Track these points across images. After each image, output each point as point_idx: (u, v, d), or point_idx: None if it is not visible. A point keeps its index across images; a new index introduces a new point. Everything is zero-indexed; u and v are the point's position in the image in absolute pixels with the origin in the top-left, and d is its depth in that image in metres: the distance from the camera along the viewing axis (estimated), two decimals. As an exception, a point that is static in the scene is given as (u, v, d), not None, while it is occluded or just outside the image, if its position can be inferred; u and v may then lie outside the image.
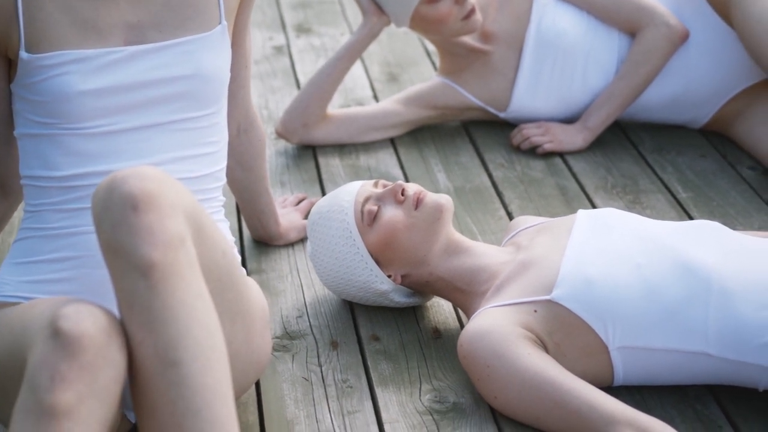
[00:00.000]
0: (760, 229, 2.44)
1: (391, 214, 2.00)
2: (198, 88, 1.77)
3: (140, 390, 1.50)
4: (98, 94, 1.73)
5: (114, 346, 1.49)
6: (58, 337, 1.45)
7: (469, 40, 2.83)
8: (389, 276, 2.03)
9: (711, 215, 2.48)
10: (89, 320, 1.47)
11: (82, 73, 1.72)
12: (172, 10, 1.77)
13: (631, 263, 1.85)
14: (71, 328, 1.45)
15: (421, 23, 2.73)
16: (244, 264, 2.28)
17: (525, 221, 2.14)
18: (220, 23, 1.81)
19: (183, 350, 1.47)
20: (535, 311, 1.84)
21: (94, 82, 1.72)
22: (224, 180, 1.86)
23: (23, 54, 1.72)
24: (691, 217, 2.49)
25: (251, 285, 1.77)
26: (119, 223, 1.48)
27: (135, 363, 1.49)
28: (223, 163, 1.86)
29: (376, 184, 2.08)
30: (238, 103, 2.07)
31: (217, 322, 1.51)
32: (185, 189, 1.57)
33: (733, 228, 2.39)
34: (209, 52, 1.78)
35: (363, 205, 2.03)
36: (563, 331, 1.83)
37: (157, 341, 1.47)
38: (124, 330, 1.51)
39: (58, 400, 1.43)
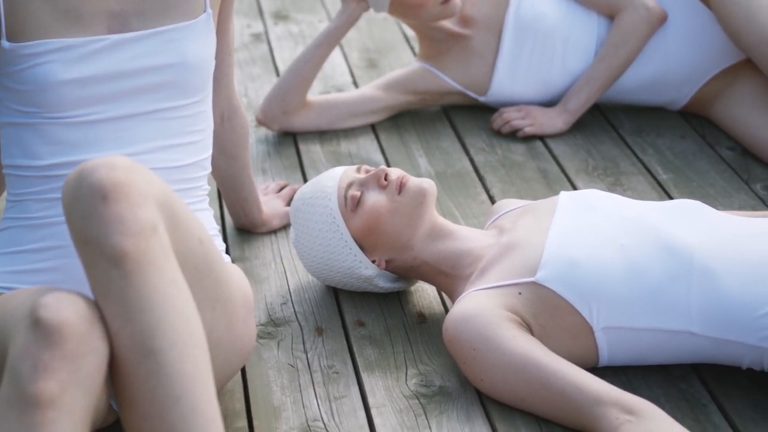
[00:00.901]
0: (740, 208, 2.45)
1: (375, 199, 2.00)
2: (183, 76, 1.76)
3: (120, 380, 1.50)
4: (81, 83, 1.72)
5: (95, 334, 1.48)
6: (39, 326, 1.45)
7: (448, 24, 2.83)
8: (373, 261, 2.03)
9: (691, 196, 2.50)
10: (70, 309, 1.47)
11: (65, 61, 1.71)
12: (156, -1, 1.76)
13: (614, 244, 1.86)
14: (52, 317, 1.45)
15: (400, 8, 2.73)
16: (227, 252, 2.27)
17: (507, 204, 2.14)
18: (205, 11, 1.80)
19: (160, 338, 1.46)
20: (520, 293, 1.84)
21: (76, 71, 1.71)
22: (209, 169, 1.86)
23: (4, 43, 1.71)
24: (671, 198, 2.50)
25: (233, 272, 1.76)
26: (89, 213, 1.47)
27: (113, 353, 1.49)
28: (209, 152, 1.85)
29: (359, 170, 2.08)
30: (221, 90, 2.06)
31: (194, 309, 1.50)
32: (156, 177, 1.56)
33: (714, 208, 2.40)
34: (194, 41, 1.77)
35: (346, 190, 2.03)
36: (548, 312, 1.83)
37: (133, 330, 1.47)
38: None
39: (42, 390, 1.42)
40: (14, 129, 1.76)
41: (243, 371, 1.92)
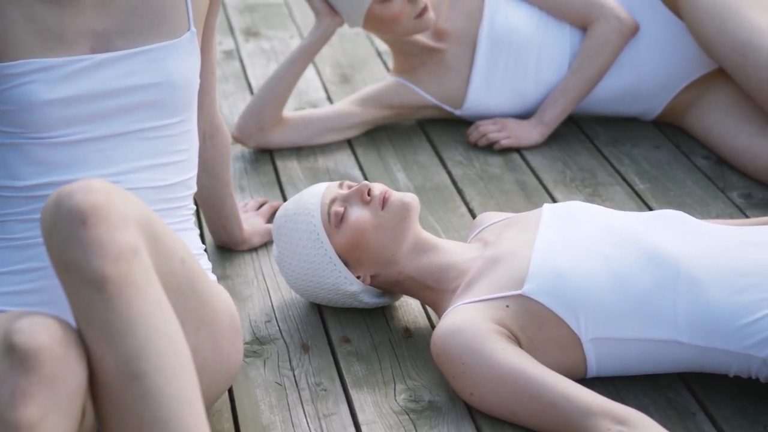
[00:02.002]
0: (718, 216, 2.47)
1: (358, 214, 2.00)
2: (167, 95, 1.75)
3: (105, 406, 1.48)
4: (64, 103, 1.70)
5: (72, 356, 1.46)
6: (14, 352, 1.43)
7: (422, 38, 2.84)
8: (358, 277, 2.03)
9: (669, 205, 2.51)
10: (44, 333, 1.45)
11: (48, 81, 1.69)
12: (139, 17, 1.75)
13: (598, 255, 1.86)
14: (26, 342, 1.43)
15: (374, 23, 2.73)
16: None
17: (490, 217, 2.14)
18: (189, 29, 1.79)
19: (145, 362, 1.44)
20: (507, 306, 1.84)
21: (59, 91, 1.70)
22: (195, 188, 1.84)
23: None
24: (650, 208, 2.51)
25: (218, 292, 1.74)
26: (69, 238, 1.45)
27: (97, 379, 1.47)
28: (194, 171, 1.84)
29: (341, 185, 2.07)
30: (203, 109, 2.05)
31: (179, 331, 1.49)
32: (136, 198, 1.54)
33: (693, 217, 2.42)
34: (178, 59, 1.76)
35: (329, 206, 2.02)
36: (536, 324, 1.83)
37: (117, 355, 1.45)
38: (83, 342, 1.49)
39: (21, 416, 1.41)
40: (-4, 149, 1.74)
41: (230, 391, 1.90)
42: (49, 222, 1.48)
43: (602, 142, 2.83)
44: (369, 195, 2.01)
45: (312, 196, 2.05)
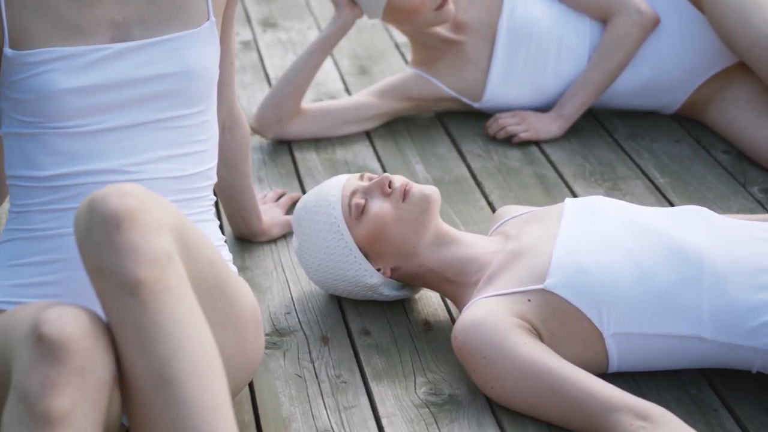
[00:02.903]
0: (738, 211, 2.45)
1: (379, 207, 1.99)
2: (186, 85, 1.74)
3: (136, 411, 1.47)
4: (83, 92, 1.70)
5: (100, 347, 1.46)
6: (43, 343, 1.42)
7: (441, 30, 2.82)
8: (378, 269, 2.02)
9: (689, 200, 2.50)
10: (73, 323, 1.44)
11: (67, 70, 1.69)
12: (158, 7, 1.74)
13: (621, 249, 1.85)
14: (56, 333, 1.43)
15: (393, 14, 2.72)
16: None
17: (510, 211, 2.13)
18: (208, 19, 1.78)
19: (177, 368, 1.43)
20: (529, 300, 1.84)
21: (78, 80, 1.69)
22: (215, 179, 1.84)
23: (7, 50, 1.69)
24: (670, 202, 2.50)
25: (241, 287, 1.73)
26: (103, 243, 1.45)
27: (129, 384, 1.46)
28: (213, 162, 1.83)
29: (362, 177, 2.06)
30: (222, 100, 2.04)
31: (211, 337, 1.48)
32: (168, 202, 1.54)
33: (714, 212, 2.41)
34: (197, 49, 1.75)
35: (350, 198, 2.01)
36: (557, 319, 1.83)
37: (149, 360, 1.44)
38: (114, 346, 1.48)
39: (52, 407, 1.40)
40: (17, 139, 1.74)
41: (250, 382, 1.90)
42: (84, 226, 1.47)
43: (622, 136, 2.81)
44: (390, 187, 2.00)
45: (332, 187, 2.04)
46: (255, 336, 1.73)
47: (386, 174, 2.01)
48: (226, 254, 1.84)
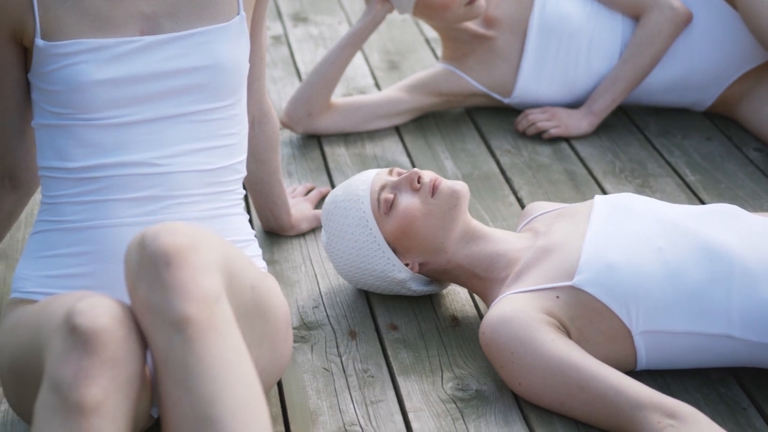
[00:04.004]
0: (770, 210, 2.44)
1: (408, 201, 1.99)
2: (215, 79, 1.75)
3: None
4: (113, 84, 1.70)
5: (133, 339, 1.48)
6: (76, 333, 1.44)
7: (472, 25, 2.82)
8: (407, 264, 2.02)
9: (720, 198, 2.48)
10: (106, 314, 1.46)
11: (97, 62, 1.70)
12: (188, 1, 1.75)
13: (651, 247, 1.84)
14: (88, 324, 1.44)
15: (424, 9, 2.72)
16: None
17: (539, 207, 2.13)
18: (238, 14, 1.79)
19: (221, 407, 1.42)
20: (557, 297, 1.83)
21: (108, 72, 1.70)
22: (244, 172, 1.84)
23: (38, 41, 1.70)
24: (701, 200, 2.49)
25: (275, 297, 1.72)
26: (153, 280, 1.46)
27: (172, 421, 1.45)
28: (243, 156, 1.83)
29: (390, 172, 2.06)
30: (253, 95, 2.05)
31: (256, 377, 1.47)
32: (217, 238, 1.55)
33: (746, 210, 2.39)
34: (227, 43, 1.76)
35: (379, 193, 2.01)
36: (586, 316, 1.82)
37: (193, 398, 1.43)
38: (158, 385, 1.48)
39: (84, 397, 1.41)
40: (48, 131, 1.75)
41: (277, 375, 1.91)
42: (135, 263, 1.48)
43: (653, 133, 2.80)
44: (419, 182, 2.00)
45: (361, 182, 2.04)
46: (285, 339, 1.74)
47: (415, 169, 2.01)
48: (255, 249, 1.84)
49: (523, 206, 2.45)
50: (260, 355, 1.66)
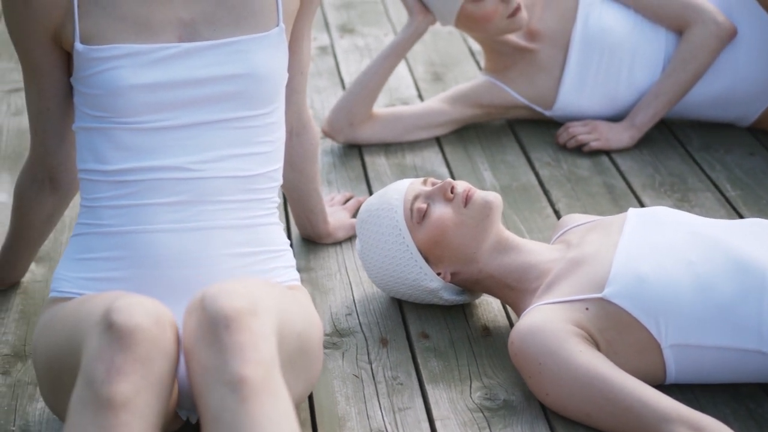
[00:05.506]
0: (810, 227, 2.41)
1: (441, 211, 2.00)
2: (251, 87, 1.78)
3: None
4: (149, 89, 1.74)
5: (167, 338, 1.51)
6: (112, 330, 1.48)
7: (514, 38, 2.83)
8: (439, 274, 2.03)
9: (760, 213, 2.46)
10: (142, 313, 1.50)
11: (134, 67, 1.73)
12: (227, 9, 1.78)
13: (683, 260, 1.84)
14: (125, 321, 1.48)
15: (466, 21, 2.73)
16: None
17: (574, 219, 2.13)
18: (277, 25, 1.81)
19: None
20: (587, 309, 1.83)
21: (145, 77, 1.74)
22: (280, 180, 1.86)
23: (78, 45, 1.74)
24: (740, 215, 2.47)
25: (314, 326, 1.75)
26: (212, 342, 1.49)
27: None
28: (279, 164, 1.85)
29: (425, 182, 2.08)
30: (291, 107, 2.07)
31: None
32: (270, 293, 1.59)
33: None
34: (264, 53, 1.78)
35: (412, 203, 2.03)
36: (615, 328, 1.82)
37: None
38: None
39: (115, 392, 1.45)
40: (87, 133, 1.79)
41: (308, 381, 1.93)
42: (194, 324, 1.52)
43: (694, 148, 2.78)
44: (452, 192, 2.01)
45: (395, 191, 2.06)
46: (318, 356, 1.77)
47: (449, 179, 2.03)
48: (289, 259, 1.86)
49: (560, 218, 2.45)
50: (297, 386, 1.70)
